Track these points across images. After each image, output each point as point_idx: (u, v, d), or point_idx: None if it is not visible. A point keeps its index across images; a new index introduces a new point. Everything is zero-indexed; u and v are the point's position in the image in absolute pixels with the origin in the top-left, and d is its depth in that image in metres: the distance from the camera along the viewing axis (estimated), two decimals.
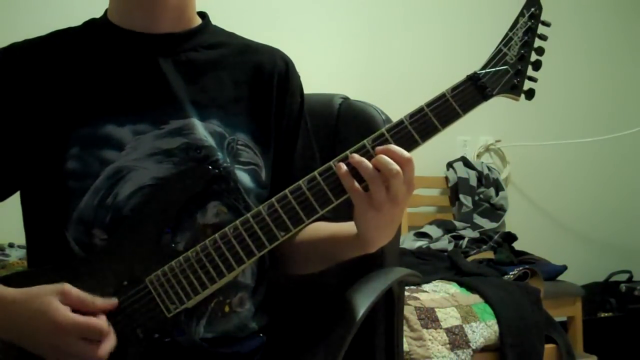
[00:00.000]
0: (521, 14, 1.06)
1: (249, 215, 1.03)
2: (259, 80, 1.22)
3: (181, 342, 1.08)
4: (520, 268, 2.70)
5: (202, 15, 1.26)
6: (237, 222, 1.04)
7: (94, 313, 0.99)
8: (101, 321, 0.98)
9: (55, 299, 0.97)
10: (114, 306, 1.02)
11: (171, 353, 1.06)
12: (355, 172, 1.01)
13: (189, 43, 1.20)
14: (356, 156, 1.01)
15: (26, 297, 0.99)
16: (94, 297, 1.00)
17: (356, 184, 1.01)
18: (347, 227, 1.11)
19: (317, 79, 1.67)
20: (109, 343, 0.98)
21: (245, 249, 1.03)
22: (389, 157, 1.00)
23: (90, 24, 1.22)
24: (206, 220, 1.11)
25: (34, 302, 0.98)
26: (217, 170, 1.12)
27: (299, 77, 1.27)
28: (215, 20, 1.27)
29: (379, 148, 1.01)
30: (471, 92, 1.03)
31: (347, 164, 1.01)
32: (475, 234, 3.05)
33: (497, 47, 1.06)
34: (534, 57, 1.06)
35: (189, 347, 1.09)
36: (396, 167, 0.99)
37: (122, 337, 1.02)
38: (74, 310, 0.97)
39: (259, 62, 1.23)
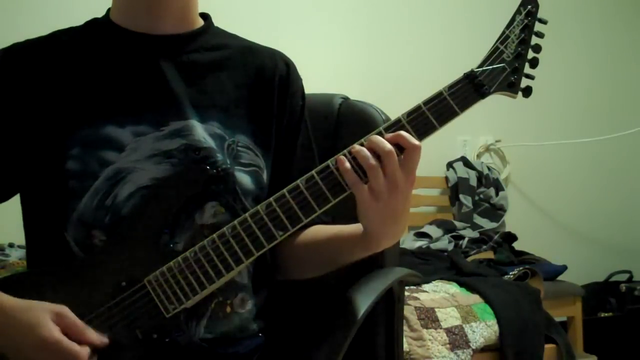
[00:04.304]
0: (518, 12, 1.06)
1: (247, 215, 1.03)
2: (260, 82, 1.22)
3: (180, 343, 1.08)
4: (520, 268, 2.70)
5: (205, 16, 1.26)
6: (235, 222, 1.04)
7: (81, 342, 0.98)
8: (83, 351, 0.97)
9: (48, 317, 0.97)
10: (103, 344, 1.01)
11: (170, 353, 1.06)
12: (352, 165, 1.01)
13: (191, 45, 1.20)
14: (356, 146, 1.02)
15: (21, 308, 0.98)
16: (87, 327, 1.00)
17: (358, 177, 1.01)
18: (352, 227, 1.11)
19: (317, 79, 1.67)
20: None
21: (243, 249, 1.03)
22: (398, 142, 1.01)
23: (92, 23, 1.22)
24: (204, 220, 1.11)
25: (27, 314, 0.97)
26: (214, 171, 1.12)
27: (300, 79, 1.27)
28: (217, 21, 1.27)
29: (388, 135, 1.02)
30: (468, 90, 1.04)
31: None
32: (475, 234, 3.05)
33: (494, 45, 1.06)
34: (531, 54, 1.06)
35: (188, 348, 1.09)
36: (388, 145, 1.00)
37: (121, 337, 1.02)
38: (64, 334, 0.97)
39: (260, 64, 1.23)
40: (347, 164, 1.01)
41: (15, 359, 0.98)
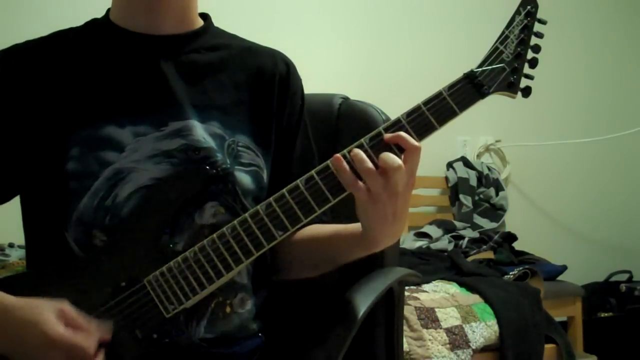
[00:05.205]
0: (517, 12, 1.06)
1: (247, 215, 1.03)
2: (260, 82, 1.22)
3: (180, 343, 1.08)
4: (520, 268, 2.71)
5: (204, 16, 1.26)
6: (235, 222, 1.03)
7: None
8: (89, 342, 0.97)
9: (51, 313, 0.96)
10: (107, 336, 1.00)
11: (170, 353, 1.06)
12: (351, 166, 1.01)
13: (190, 45, 1.20)
14: (355, 150, 1.01)
15: (22, 306, 0.98)
16: (90, 321, 0.99)
17: (355, 178, 1.00)
18: (351, 226, 1.11)
19: (317, 79, 1.67)
20: None
21: (243, 249, 1.03)
22: (398, 142, 1.00)
23: (92, 24, 1.22)
24: (204, 220, 1.11)
25: (29, 312, 0.97)
26: (214, 171, 1.12)
27: (300, 79, 1.27)
28: (216, 20, 1.27)
29: (387, 135, 1.01)
30: (468, 90, 1.04)
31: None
32: (475, 234, 3.05)
33: (493, 45, 1.06)
34: (530, 54, 1.07)
35: (188, 348, 1.09)
36: (398, 161, 0.99)
37: (121, 337, 1.02)
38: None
39: (260, 64, 1.23)
40: (344, 164, 1.01)
41: (19, 358, 0.98)
